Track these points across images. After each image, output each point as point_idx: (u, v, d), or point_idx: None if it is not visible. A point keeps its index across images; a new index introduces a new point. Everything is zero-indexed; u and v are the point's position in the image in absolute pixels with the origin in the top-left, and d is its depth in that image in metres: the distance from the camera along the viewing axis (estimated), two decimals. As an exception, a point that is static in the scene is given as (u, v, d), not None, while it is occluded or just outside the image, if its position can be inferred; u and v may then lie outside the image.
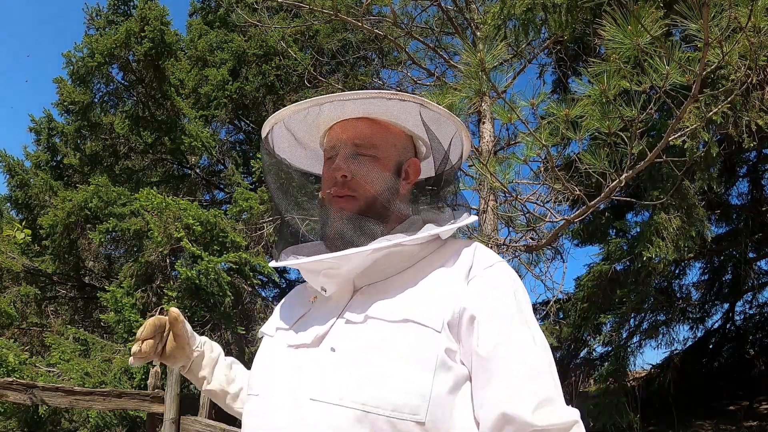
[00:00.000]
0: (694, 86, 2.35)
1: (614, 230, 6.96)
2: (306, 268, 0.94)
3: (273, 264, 1.01)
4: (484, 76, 2.56)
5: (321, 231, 0.98)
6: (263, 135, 1.05)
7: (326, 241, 0.96)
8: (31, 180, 8.13)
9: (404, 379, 0.78)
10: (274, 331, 1.00)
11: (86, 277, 8.61)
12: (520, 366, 0.81)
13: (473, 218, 0.98)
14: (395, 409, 0.77)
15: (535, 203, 5.26)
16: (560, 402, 0.81)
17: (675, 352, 7.62)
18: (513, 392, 0.79)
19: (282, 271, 7.26)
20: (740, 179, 7.30)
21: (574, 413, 0.80)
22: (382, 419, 0.77)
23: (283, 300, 1.12)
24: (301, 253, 1.01)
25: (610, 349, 6.89)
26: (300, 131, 1.07)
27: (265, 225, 6.88)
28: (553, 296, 6.26)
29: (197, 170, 9.21)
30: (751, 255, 7.42)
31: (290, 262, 0.97)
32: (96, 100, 8.23)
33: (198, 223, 6.39)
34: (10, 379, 4.34)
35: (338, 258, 0.88)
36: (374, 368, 0.80)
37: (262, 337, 1.06)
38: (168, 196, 6.75)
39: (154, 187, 7.59)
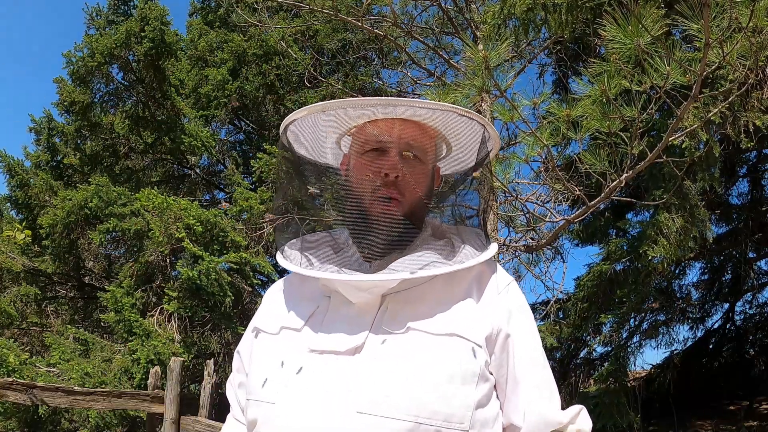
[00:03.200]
0: (694, 86, 2.35)
1: (614, 230, 6.96)
2: (353, 285, 0.88)
3: (303, 272, 0.92)
4: (488, 74, 2.56)
5: (356, 230, 0.94)
6: (298, 116, 0.97)
7: (365, 244, 0.92)
8: (31, 180, 8.11)
9: (454, 390, 0.82)
10: (276, 329, 0.94)
11: (86, 277, 8.61)
12: (541, 377, 0.93)
13: (496, 246, 1.00)
14: (446, 419, 0.80)
15: (536, 203, 5.27)
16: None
17: (675, 352, 7.61)
18: (543, 398, 0.92)
19: (283, 270, 7.26)
20: (740, 179, 7.30)
21: (575, 406, 0.95)
22: (432, 429, 0.79)
23: (275, 291, 1.04)
24: (335, 261, 0.94)
25: (610, 349, 6.88)
26: (327, 124, 1.02)
27: (265, 225, 6.89)
28: (553, 296, 6.28)
29: (197, 170, 9.21)
30: (751, 255, 7.41)
31: (334, 275, 0.89)
32: (96, 100, 8.23)
33: (198, 223, 6.39)
34: (10, 379, 4.35)
35: (397, 278, 0.86)
36: (425, 380, 0.81)
37: (256, 333, 0.99)
38: (168, 196, 6.76)
39: (155, 187, 7.60)
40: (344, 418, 0.78)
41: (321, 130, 1.03)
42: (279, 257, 0.99)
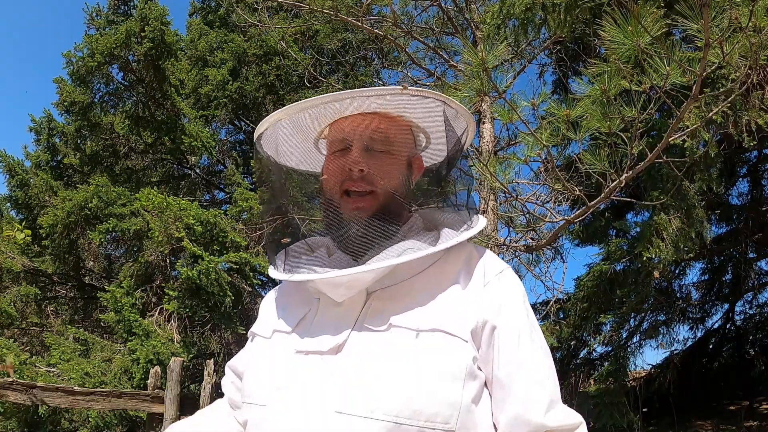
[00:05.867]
0: (694, 86, 2.34)
1: (614, 230, 6.96)
2: (330, 282, 0.86)
3: (282, 277, 0.92)
4: (486, 76, 2.56)
5: (333, 232, 0.92)
6: (262, 130, 0.96)
7: (343, 245, 0.90)
8: (31, 180, 8.13)
9: (437, 389, 0.78)
10: (269, 332, 0.94)
11: (86, 277, 8.61)
12: (533, 373, 0.85)
13: (484, 221, 0.95)
14: (428, 419, 0.77)
15: (535, 203, 5.28)
16: (561, 403, 0.87)
17: (675, 352, 7.62)
18: (527, 397, 0.83)
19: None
20: (740, 179, 7.31)
21: (578, 415, 0.87)
22: (413, 429, 0.76)
23: (270, 298, 1.05)
24: (314, 263, 0.93)
25: (610, 349, 6.89)
26: (296, 130, 1.01)
27: (265, 225, 6.88)
28: (553, 296, 6.27)
29: (197, 170, 9.21)
30: (751, 255, 7.42)
31: (309, 276, 0.87)
32: (96, 100, 8.24)
33: (198, 223, 6.39)
34: (10, 379, 4.34)
35: (369, 270, 0.83)
36: (406, 379, 0.78)
37: (252, 338, 1.01)
38: (168, 196, 6.76)
39: (154, 187, 7.60)
40: (322, 418, 0.77)
41: (293, 138, 1.02)
42: (270, 268, 0.99)
